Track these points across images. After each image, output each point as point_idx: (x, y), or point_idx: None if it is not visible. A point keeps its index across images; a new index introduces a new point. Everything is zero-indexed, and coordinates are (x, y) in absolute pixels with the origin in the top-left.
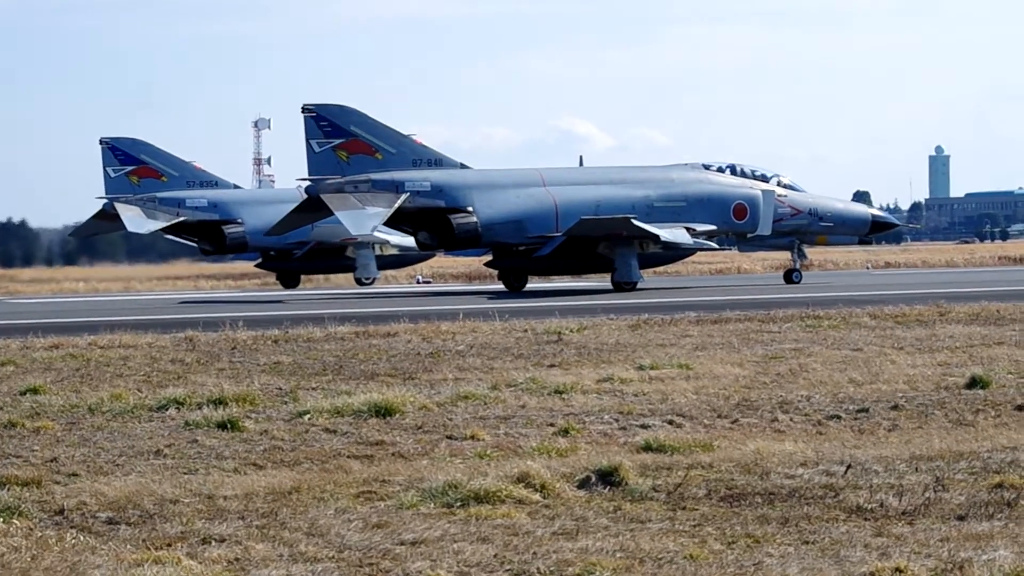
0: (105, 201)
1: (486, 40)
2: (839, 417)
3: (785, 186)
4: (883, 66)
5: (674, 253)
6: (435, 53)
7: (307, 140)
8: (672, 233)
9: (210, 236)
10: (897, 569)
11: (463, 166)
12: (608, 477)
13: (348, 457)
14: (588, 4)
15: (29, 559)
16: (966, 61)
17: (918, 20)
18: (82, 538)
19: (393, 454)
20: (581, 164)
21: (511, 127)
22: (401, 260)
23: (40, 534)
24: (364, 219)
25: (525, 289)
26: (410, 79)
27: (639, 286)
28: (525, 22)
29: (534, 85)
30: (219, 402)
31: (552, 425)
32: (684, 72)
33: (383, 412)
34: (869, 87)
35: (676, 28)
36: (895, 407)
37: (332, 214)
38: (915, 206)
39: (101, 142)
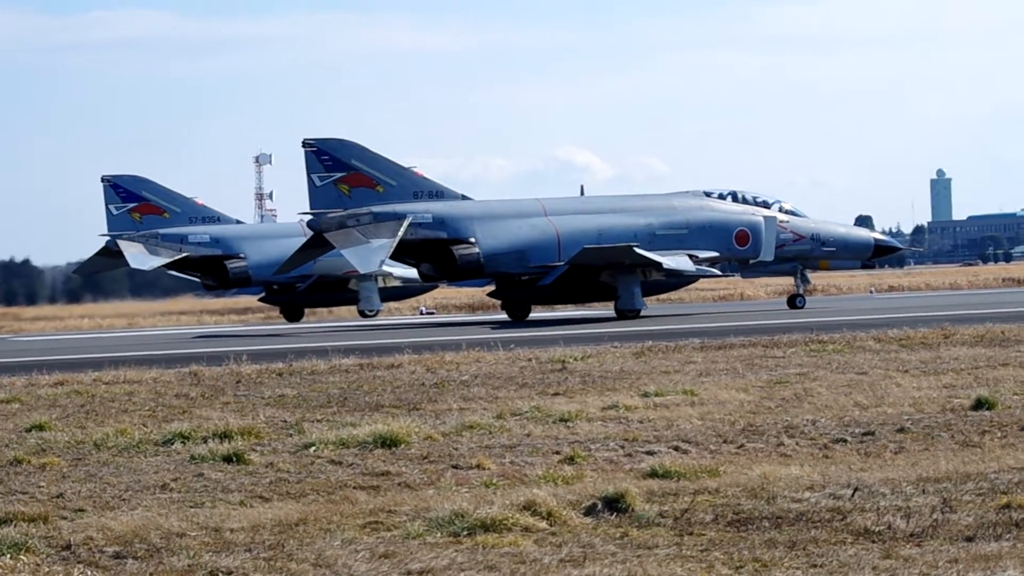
0: (108, 238)
1: (483, 71)
2: (845, 440)
3: (787, 212)
4: (883, 89)
5: (677, 280)
6: (433, 85)
7: (308, 174)
8: (675, 260)
9: (213, 271)
10: None
11: (464, 197)
12: (614, 504)
13: (354, 488)
14: (583, 33)
15: None
16: (967, 84)
17: (918, 43)
18: (89, 573)
19: (399, 484)
20: (582, 193)
21: (510, 158)
22: (404, 292)
23: (47, 570)
24: (370, 254)
25: (529, 318)
26: (409, 111)
27: (642, 314)
28: (521, 53)
29: (532, 115)
30: (224, 436)
31: (558, 453)
32: (682, 99)
33: (388, 443)
34: (869, 111)
35: (673, 55)
36: (901, 430)
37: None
38: (918, 229)
39: (103, 180)
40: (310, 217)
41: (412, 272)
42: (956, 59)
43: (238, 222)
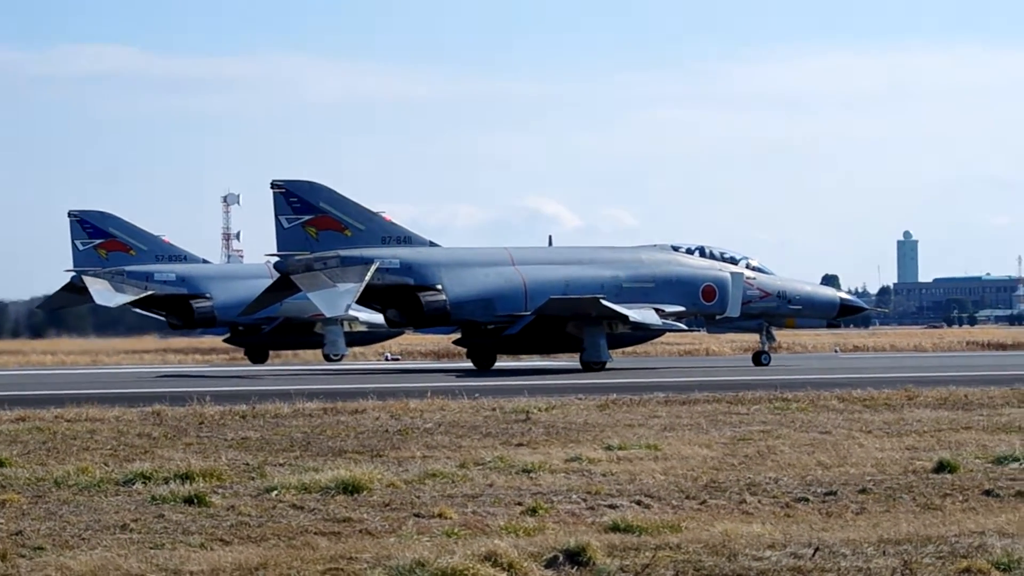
0: (73, 274)
1: (453, 118)
2: (807, 499)
3: (754, 268)
4: (852, 151)
5: (643, 334)
6: (402, 130)
7: (276, 216)
8: (641, 314)
9: (178, 310)
10: None
11: (432, 244)
12: (576, 557)
13: (315, 534)
14: (554, 85)
15: None
16: (935, 147)
17: (887, 106)
18: None
19: (360, 531)
20: (551, 243)
21: (478, 205)
22: (370, 337)
23: None
24: (336, 298)
25: (494, 368)
26: (378, 156)
27: (608, 366)
28: (491, 102)
29: (501, 164)
30: (186, 477)
31: (520, 504)
32: (652, 154)
33: (351, 489)
34: (838, 171)
35: (643, 111)
36: (863, 490)
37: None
38: (883, 290)
39: (69, 215)
40: (277, 259)
41: (378, 317)
42: (925, 123)
43: (205, 261)
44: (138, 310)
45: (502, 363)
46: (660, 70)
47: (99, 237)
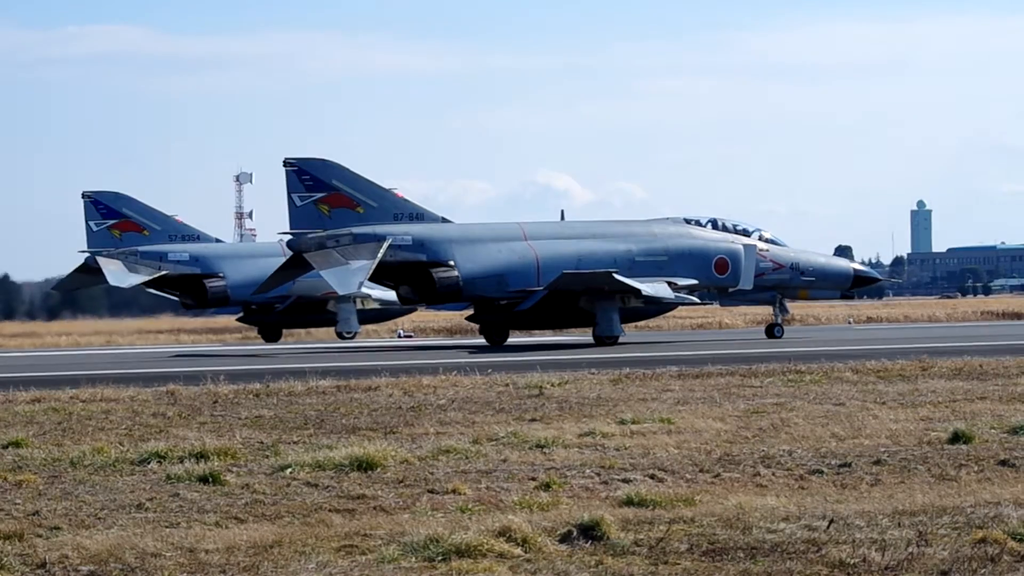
0: (87, 255)
1: (464, 94)
2: (821, 472)
3: (767, 240)
4: (865, 119)
5: (656, 307)
6: (414, 106)
7: (289, 194)
8: (653, 287)
9: (192, 290)
10: None
11: (444, 220)
12: (590, 531)
13: (329, 511)
14: (564, 58)
15: None
16: (949, 115)
17: (897, 74)
18: None
19: (374, 508)
20: (563, 218)
21: (489, 181)
22: (382, 314)
23: None
24: (349, 276)
25: (507, 343)
26: (389, 132)
27: (620, 340)
28: (502, 76)
29: (512, 139)
30: (201, 456)
31: (534, 479)
32: (662, 126)
33: (364, 466)
34: (851, 141)
35: (653, 81)
36: (877, 462)
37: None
38: (897, 260)
39: (83, 196)
40: (290, 237)
41: (391, 294)
42: (937, 91)
43: (218, 241)
44: (152, 290)
45: (515, 339)
46: (667, 40)
47: (113, 218)
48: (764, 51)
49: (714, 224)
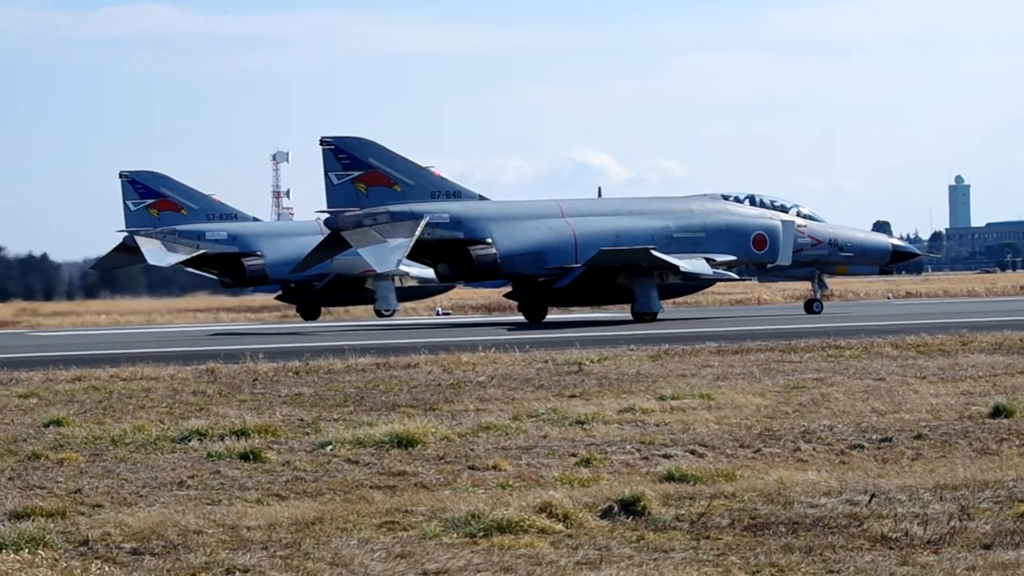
0: (125, 234)
1: (500, 71)
2: (862, 446)
3: (805, 216)
4: (903, 94)
5: (694, 284)
6: (450, 84)
7: (326, 172)
8: (692, 264)
9: (230, 269)
10: None
11: (482, 198)
12: (631, 507)
13: (370, 488)
14: (600, 34)
15: None
16: (988, 89)
17: (934, 47)
18: (107, 569)
19: (415, 484)
20: (600, 195)
21: (526, 158)
22: (421, 292)
23: (65, 565)
24: (387, 253)
25: (545, 320)
26: (426, 110)
27: (659, 317)
28: (538, 54)
29: (548, 116)
30: (241, 433)
31: (574, 455)
32: (699, 102)
33: (405, 443)
34: (888, 115)
35: (690, 58)
36: (918, 436)
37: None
38: (935, 236)
39: (121, 176)
40: (327, 215)
41: (429, 272)
42: (976, 63)
43: (255, 220)
44: (190, 269)
45: (553, 315)
46: (706, 16)
47: (150, 197)
48: (800, 26)
49: (752, 200)
